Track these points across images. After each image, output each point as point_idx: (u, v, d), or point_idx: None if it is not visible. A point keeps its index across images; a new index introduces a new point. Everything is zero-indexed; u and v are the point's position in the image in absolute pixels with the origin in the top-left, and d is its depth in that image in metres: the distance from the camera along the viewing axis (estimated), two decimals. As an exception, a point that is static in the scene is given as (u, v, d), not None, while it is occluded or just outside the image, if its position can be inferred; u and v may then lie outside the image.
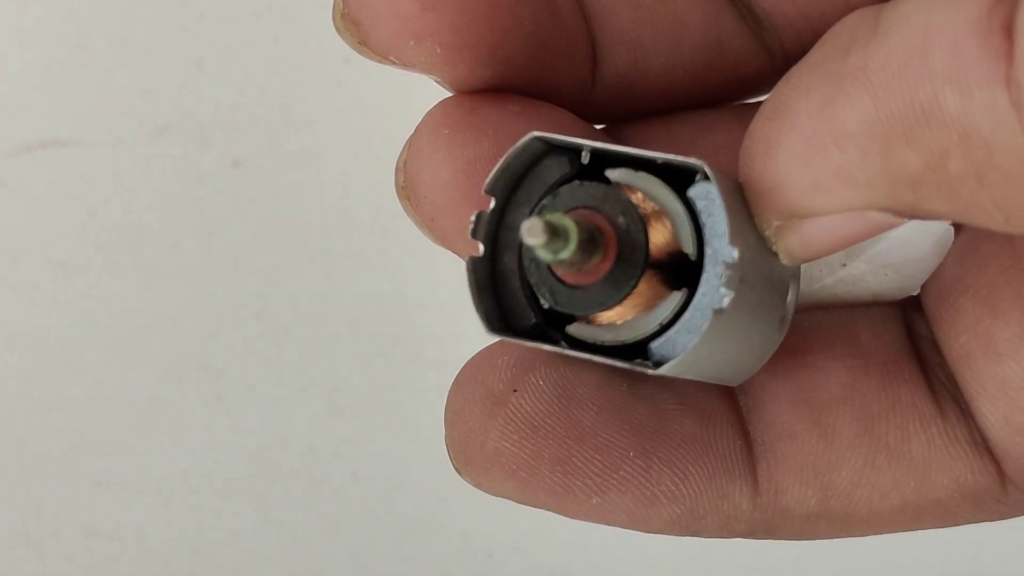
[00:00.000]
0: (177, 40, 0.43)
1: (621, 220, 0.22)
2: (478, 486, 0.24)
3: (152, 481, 0.46)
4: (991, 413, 0.25)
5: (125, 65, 0.43)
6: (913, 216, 0.22)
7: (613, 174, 0.23)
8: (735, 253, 0.22)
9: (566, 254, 0.21)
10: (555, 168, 0.23)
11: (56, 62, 0.43)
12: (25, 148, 0.43)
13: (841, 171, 0.21)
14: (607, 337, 0.23)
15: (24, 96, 0.43)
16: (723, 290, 0.22)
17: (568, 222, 0.21)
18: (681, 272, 0.22)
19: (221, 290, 0.45)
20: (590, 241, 0.22)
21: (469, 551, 0.47)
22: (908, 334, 0.26)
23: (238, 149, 0.43)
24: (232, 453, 0.46)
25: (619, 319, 0.23)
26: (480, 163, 0.23)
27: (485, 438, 0.23)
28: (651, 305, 0.22)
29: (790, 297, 0.24)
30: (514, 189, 0.23)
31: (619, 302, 0.22)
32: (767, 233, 0.23)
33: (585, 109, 0.25)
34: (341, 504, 0.47)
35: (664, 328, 0.22)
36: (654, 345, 0.22)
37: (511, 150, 0.23)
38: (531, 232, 0.21)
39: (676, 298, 0.22)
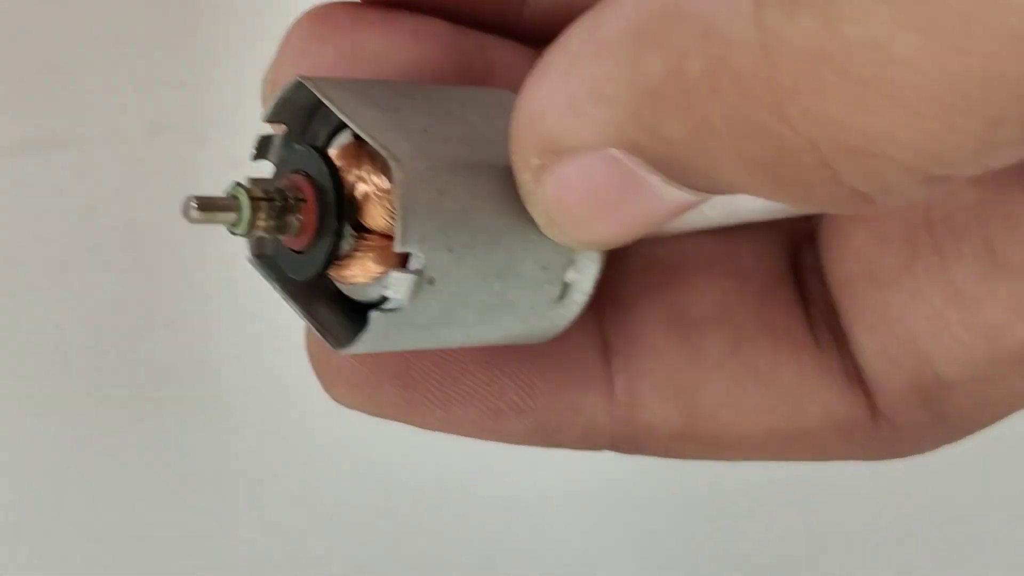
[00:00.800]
0: (177, 39, 0.43)
1: (319, 186, 0.22)
2: (335, 400, 0.24)
3: (152, 481, 0.46)
4: (867, 343, 0.24)
5: (124, 64, 0.43)
6: (655, 157, 0.19)
7: (340, 138, 0.22)
8: (415, 261, 0.21)
9: (240, 230, 0.21)
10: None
11: (55, 62, 0.43)
12: (25, 147, 0.43)
13: (595, 85, 0.19)
14: (356, 296, 0.22)
15: (24, 96, 0.43)
16: (392, 293, 0.21)
17: (239, 195, 0.21)
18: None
19: (220, 290, 0.45)
20: (284, 209, 0.21)
21: (468, 551, 0.47)
22: (793, 262, 0.26)
23: (237, 148, 0.43)
24: (232, 453, 0.46)
25: (355, 280, 0.22)
26: (324, 73, 0.23)
27: (330, 353, 0.23)
28: (384, 273, 0.22)
29: (572, 275, 0.23)
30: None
31: (322, 269, 0.22)
32: (526, 178, 0.21)
33: (516, 30, 0.25)
34: (341, 504, 0.47)
35: (385, 300, 0.22)
36: (373, 313, 0.21)
37: (283, 87, 0.22)
38: (185, 212, 0.20)
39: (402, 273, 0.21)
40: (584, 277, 0.23)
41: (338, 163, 0.22)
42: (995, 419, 0.25)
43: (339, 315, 0.23)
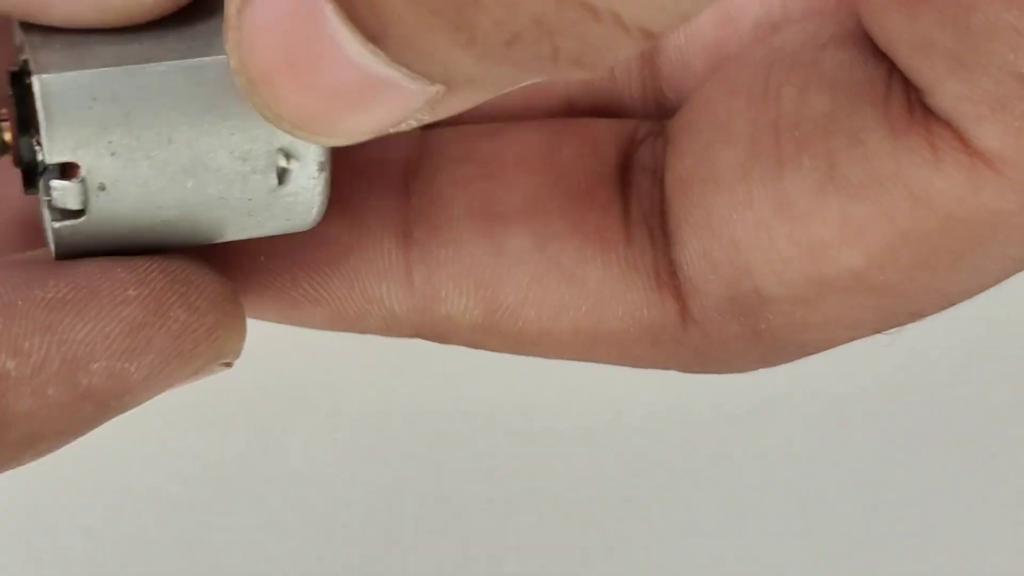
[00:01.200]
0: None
1: (12, 106, 0.22)
2: None
3: (152, 481, 0.46)
4: (691, 245, 0.23)
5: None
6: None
7: None
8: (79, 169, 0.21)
9: None
10: None
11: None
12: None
13: None
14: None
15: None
16: (63, 203, 0.21)
17: None
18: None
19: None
20: None
21: (469, 551, 0.47)
22: (623, 160, 0.25)
23: None
24: (232, 453, 0.46)
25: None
26: None
27: None
28: None
29: (287, 163, 0.22)
30: None
31: (26, 187, 0.22)
32: (230, 11, 0.19)
33: None
34: (341, 504, 0.47)
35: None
36: (54, 225, 0.22)
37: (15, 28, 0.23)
38: None
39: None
40: (305, 161, 0.22)
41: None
42: (810, 348, 0.24)
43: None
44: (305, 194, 0.22)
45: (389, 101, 0.19)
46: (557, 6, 0.16)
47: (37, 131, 0.22)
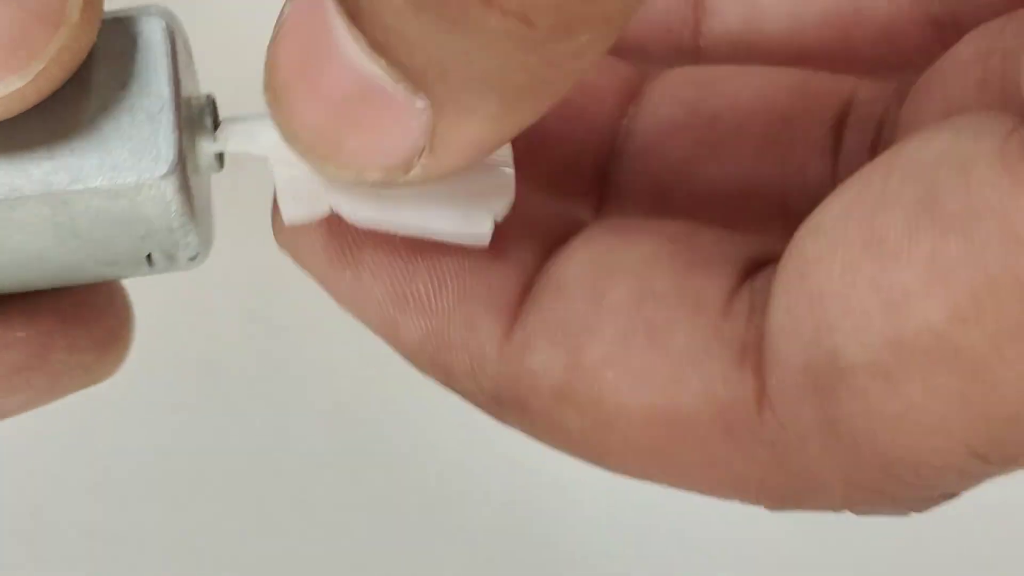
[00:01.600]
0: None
1: None
2: (276, 237, 0.23)
3: (152, 481, 0.46)
4: (778, 298, 0.20)
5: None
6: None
7: None
8: None
9: None
10: None
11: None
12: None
13: None
14: None
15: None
16: None
17: None
18: None
19: (220, 288, 0.45)
20: None
21: (468, 551, 0.47)
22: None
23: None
24: (232, 453, 0.46)
25: None
26: None
27: (277, 216, 0.23)
28: None
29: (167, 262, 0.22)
30: None
31: None
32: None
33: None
34: (341, 504, 0.47)
35: None
36: None
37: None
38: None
39: None
40: (176, 257, 0.22)
41: None
42: (895, 465, 0.20)
43: None
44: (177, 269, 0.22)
45: (385, 116, 0.19)
46: None
47: None
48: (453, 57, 0.18)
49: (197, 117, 0.22)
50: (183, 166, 0.21)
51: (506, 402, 0.22)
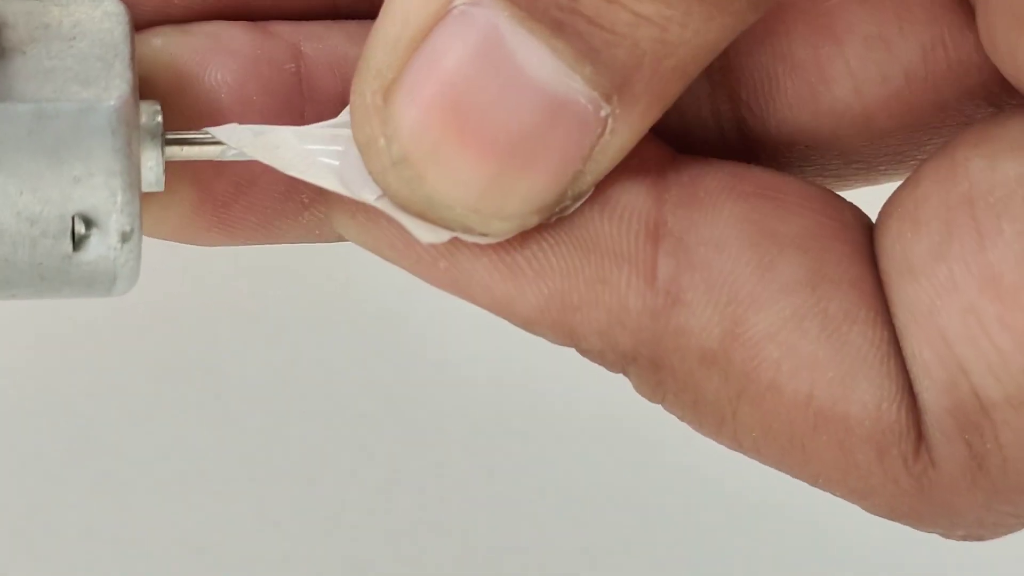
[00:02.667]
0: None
1: None
2: (340, 231, 0.22)
3: (152, 481, 0.46)
4: (905, 349, 0.20)
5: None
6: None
7: None
8: None
9: None
10: None
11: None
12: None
13: None
14: None
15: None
16: None
17: None
18: None
19: (220, 287, 0.45)
20: None
21: (468, 551, 0.47)
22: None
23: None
24: (232, 453, 0.46)
25: None
26: None
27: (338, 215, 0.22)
28: None
29: (85, 228, 0.21)
30: None
31: None
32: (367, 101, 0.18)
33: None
34: (341, 504, 0.47)
35: None
36: None
37: None
38: None
39: None
40: (106, 229, 0.21)
41: None
42: None
43: None
44: (104, 264, 0.21)
45: (573, 133, 0.18)
46: None
47: None
48: (653, 41, 0.17)
49: (148, 121, 0.21)
50: (135, 106, 0.21)
51: (641, 359, 0.21)
